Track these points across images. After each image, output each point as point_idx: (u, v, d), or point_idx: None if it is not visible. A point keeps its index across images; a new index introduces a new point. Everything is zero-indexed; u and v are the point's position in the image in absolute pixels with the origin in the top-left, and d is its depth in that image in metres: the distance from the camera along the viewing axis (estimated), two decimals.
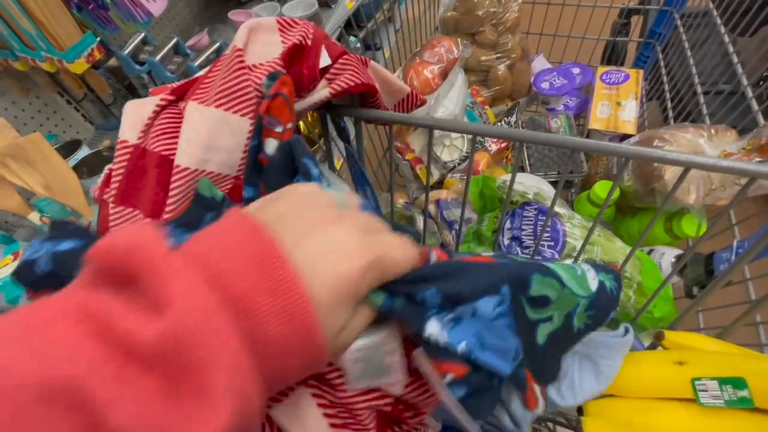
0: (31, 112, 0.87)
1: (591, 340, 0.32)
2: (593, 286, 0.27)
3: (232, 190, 0.31)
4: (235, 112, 0.29)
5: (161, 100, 0.30)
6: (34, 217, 0.67)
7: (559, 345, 0.26)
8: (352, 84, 0.31)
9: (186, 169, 0.28)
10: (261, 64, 0.30)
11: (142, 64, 0.78)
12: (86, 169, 0.74)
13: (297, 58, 0.31)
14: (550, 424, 0.46)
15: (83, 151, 0.79)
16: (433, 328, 0.21)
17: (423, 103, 0.37)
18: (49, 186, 0.63)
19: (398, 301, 0.21)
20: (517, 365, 0.22)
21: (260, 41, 0.30)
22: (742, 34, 0.75)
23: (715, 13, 0.69)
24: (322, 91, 0.32)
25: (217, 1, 1.17)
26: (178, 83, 0.34)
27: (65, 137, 0.90)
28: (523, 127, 0.80)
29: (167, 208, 0.29)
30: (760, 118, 0.53)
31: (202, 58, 0.78)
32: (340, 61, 0.32)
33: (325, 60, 0.32)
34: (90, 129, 0.96)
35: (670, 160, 0.25)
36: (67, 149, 0.78)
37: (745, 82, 0.57)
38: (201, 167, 0.29)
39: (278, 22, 0.32)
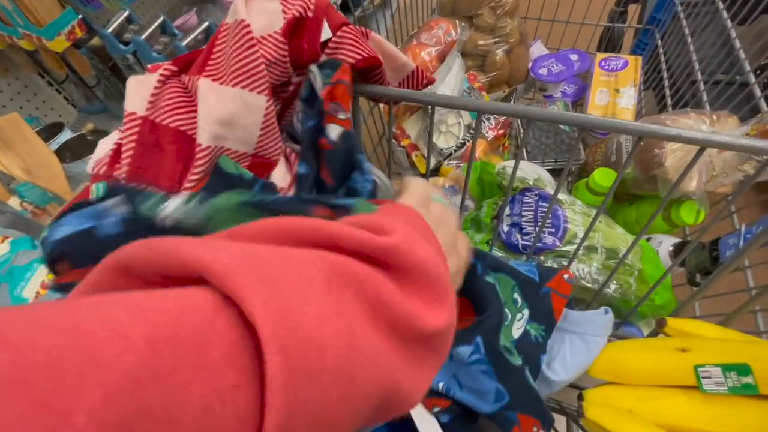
0: (9, 93, 0.83)
1: (576, 318, 0.34)
2: (516, 334, 0.32)
3: (250, 167, 0.31)
4: (251, 89, 0.28)
5: (164, 70, 0.29)
6: (14, 202, 0.64)
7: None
8: (352, 61, 0.29)
9: (207, 147, 0.28)
10: (264, 38, 0.28)
11: (126, 43, 0.75)
12: (69, 153, 0.71)
13: (297, 31, 0.30)
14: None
15: (65, 134, 0.75)
16: None
17: (431, 82, 0.36)
18: (28, 169, 0.60)
19: None
20: (503, 408, 0.27)
21: (260, 9, 0.28)
22: (741, 23, 0.74)
23: (720, 2, 0.67)
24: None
25: None
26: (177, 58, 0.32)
27: (46, 120, 0.86)
28: None
29: (187, 184, 0.29)
30: (763, 105, 0.52)
31: (190, 38, 0.74)
32: (338, 34, 0.30)
33: (326, 33, 0.30)
34: (73, 112, 0.92)
35: (686, 138, 0.24)
36: (48, 132, 0.75)
37: (747, 67, 0.57)
38: (219, 144, 0.29)
39: None
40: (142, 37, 0.72)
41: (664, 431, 0.29)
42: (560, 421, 0.49)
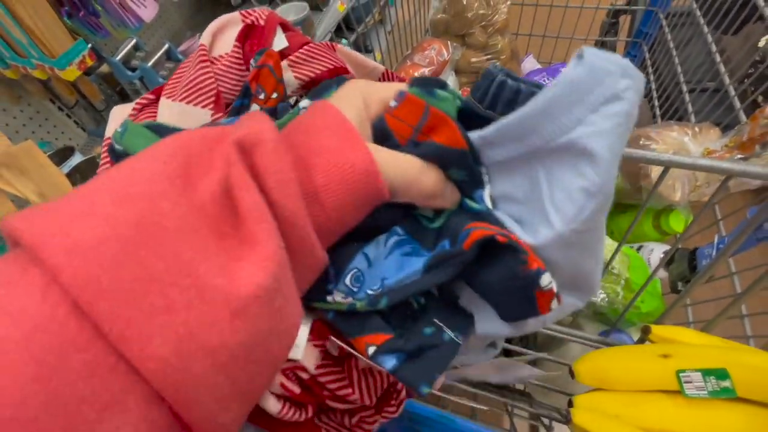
0: (22, 119, 0.86)
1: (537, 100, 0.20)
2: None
3: None
4: (196, 104, 0.30)
5: (142, 99, 0.32)
6: None
7: None
8: (320, 71, 0.31)
9: None
10: (221, 56, 0.30)
11: (133, 70, 0.78)
12: (80, 176, 0.74)
13: (250, 38, 0.32)
14: (546, 420, 0.47)
15: (76, 158, 0.78)
16: (337, 297, 0.19)
17: (402, 82, 0.38)
18: (42, 193, 0.63)
19: None
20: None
21: (225, 35, 0.31)
22: (725, 32, 0.77)
23: (698, 13, 0.70)
24: (285, 76, 0.32)
25: (209, 6, 1.17)
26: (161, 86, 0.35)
27: (58, 144, 0.90)
28: None
29: None
30: (742, 116, 0.54)
31: None
32: (303, 50, 0.32)
33: (280, 41, 0.32)
34: (82, 135, 0.96)
35: (651, 159, 0.26)
36: (60, 156, 0.78)
37: (727, 81, 0.59)
38: None
39: (240, 13, 0.32)
40: (149, 64, 0.75)
41: None
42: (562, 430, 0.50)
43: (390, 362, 0.18)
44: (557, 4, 0.91)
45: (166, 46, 0.78)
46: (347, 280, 0.19)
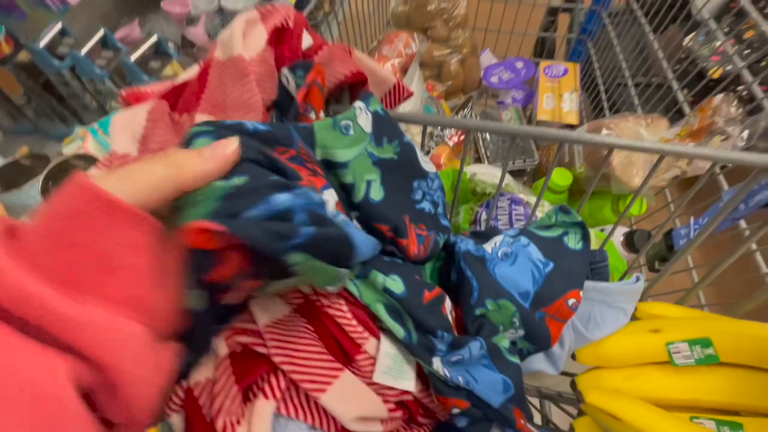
0: None
1: (606, 289, 0.34)
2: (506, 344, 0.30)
3: None
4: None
5: (151, 111, 0.28)
6: None
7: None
8: (347, 74, 0.29)
9: None
10: (253, 58, 0.28)
11: (61, 58, 0.68)
12: (1, 183, 0.63)
13: (279, 41, 0.30)
14: (548, 403, 0.49)
15: None
16: (438, 366, 0.25)
17: (410, 95, 0.37)
18: None
19: (415, 336, 0.25)
20: (507, 400, 0.27)
21: (249, 35, 0.28)
22: (654, 31, 0.85)
23: (639, 13, 0.76)
24: None
25: None
26: (162, 88, 0.30)
27: None
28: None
29: None
30: (686, 108, 0.60)
31: (138, 53, 0.70)
32: (324, 51, 0.30)
33: (308, 41, 0.30)
34: None
35: (646, 148, 0.28)
36: None
37: (670, 75, 0.65)
38: None
39: (258, 11, 0.30)
40: (82, 52, 0.66)
41: (653, 406, 0.33)
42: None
43: (462, 422, 0.27)
44: None
45: (102, 32, 0.69)
46: (460, 379, 0.26)
